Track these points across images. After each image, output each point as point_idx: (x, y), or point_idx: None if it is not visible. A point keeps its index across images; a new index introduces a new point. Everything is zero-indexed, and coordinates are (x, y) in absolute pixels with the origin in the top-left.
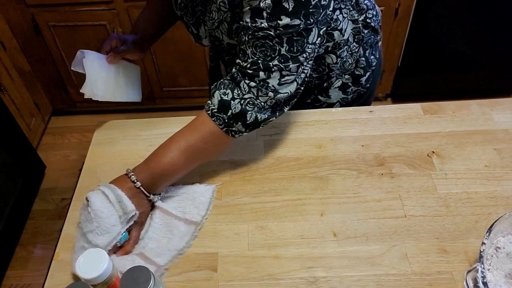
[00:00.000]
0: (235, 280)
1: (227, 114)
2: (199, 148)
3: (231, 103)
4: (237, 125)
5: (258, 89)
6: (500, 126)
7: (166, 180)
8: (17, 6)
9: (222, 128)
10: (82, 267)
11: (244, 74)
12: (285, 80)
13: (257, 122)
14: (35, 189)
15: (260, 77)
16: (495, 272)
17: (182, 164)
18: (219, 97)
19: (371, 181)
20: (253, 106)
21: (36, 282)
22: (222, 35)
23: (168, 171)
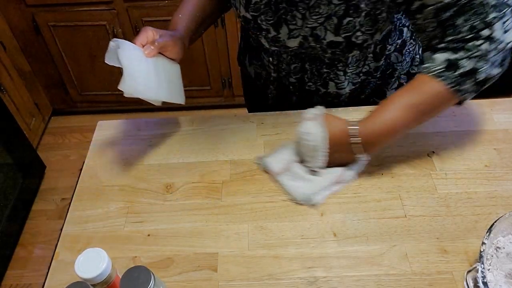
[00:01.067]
0: (235, 280)
1: (457, 72)
2: (425, 108)
3: (459, 63)
4: (467, 83)
5: (487, 45)
6: (500, 126)
7: (384, 140)
8: (17, 6)
9: (452, 87)
10: (82, 267)
11: (465, 41)
12: (507, 27)
13: (487, 79)
14: (35, 189)
15: (484, 35)
16: (495, 272)
17: (403, 124)
18: (445, 57)
19: (371, 181)
20: (486, 62)
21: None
22: (326, 33)
23: (391, 130)
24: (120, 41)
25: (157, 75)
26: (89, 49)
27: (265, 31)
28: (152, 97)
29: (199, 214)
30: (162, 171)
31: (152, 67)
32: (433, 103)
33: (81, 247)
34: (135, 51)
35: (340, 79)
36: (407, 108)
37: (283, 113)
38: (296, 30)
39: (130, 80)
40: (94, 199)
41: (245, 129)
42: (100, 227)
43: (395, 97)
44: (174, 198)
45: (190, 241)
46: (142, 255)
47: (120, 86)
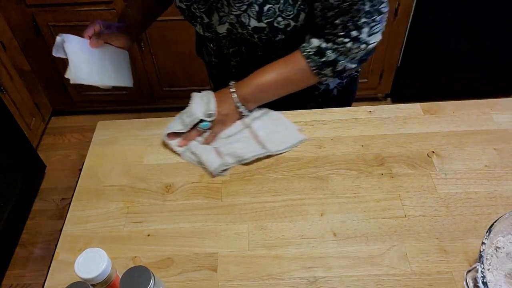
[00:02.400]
0: (235, 280)
1: (321, 60)
2: (289, 78)
3: (326, 52)
4: (327, 70)
5: (352, 43)
6: (500, 126)
7: (258, 99)
8: (17, 6)
9: (314, 70)
10: (82, 267)
11: (338, 36)
12: (373, 31)
13: (344, 70)
14: (35, 189)
15: (352, 36)
16: (495, 272)
17: (274, 88)
18: (317, 43)
19: (371, 181)
20: (346, 57)
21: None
22: (250, 19)
23: (260, 90)
24: (66, 35)
25: (101, 63)
26: None
27: (200, 18)
28: (96, 82)
29: (199, 214)
30: (162, 171)
31: (96, 55)
32: (298, 77)
33: (81, 247)
34: (80, 43)
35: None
36: (278, 76)
37: (283, 113)
38: (225, 17)
39: (74, 69)
40: (94, 199)
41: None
42: (100, 227)
43: (273, 65)
44: (174, 198)
45: (190, 241)
46: (142, 255)
47: (66, 74)
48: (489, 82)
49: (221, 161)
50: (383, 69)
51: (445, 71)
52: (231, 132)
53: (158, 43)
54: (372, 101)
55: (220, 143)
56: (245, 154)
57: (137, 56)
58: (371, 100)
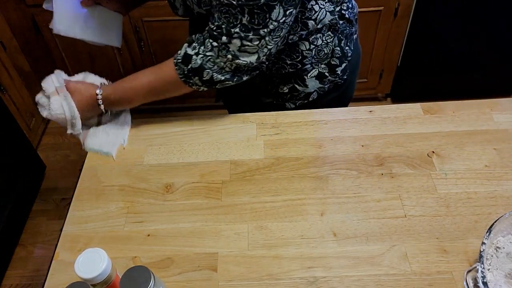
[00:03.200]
0: (235, 280)
1: (187, 67)
2: (157, 88)
3: (192, 57)
4: (194, 78)
5: (219, 49)
6: (500, 126)
7: (122, 103)
8: (17, 6)
9: (181, 78)
10: (81, 267)
11: (210, 35)
12: (245, 49)
13: (212, 81)
14: (35, 189)
15: (222, 40)
16: (495, 272)
17: (140, 95)
18: (184, 50)
19: (371, 181)
20: (213, 65)
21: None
22: (193, 5)
23: (126, 96)
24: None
25: (87, 19)
26: (89, 49)
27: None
28: (77, 36)
29: (199, 214)
30: (162, 171)
31: (84, 11)
32: (166, 86)
33: (81, 247)
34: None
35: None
36: (144, 84)
37: (283, 113)
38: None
39: (55, 20)
40: (94, 199)
41: (245, 129)
42: (100, 227)
43: (143, 72)
44: (174, 198)
45: (190, 241)
46: (142, 255)
47: (50, 25)
48: (489, 82)
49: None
50: (383, 69)
51: (445, 71)
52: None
53: (158, 43)
54: (372, 101)
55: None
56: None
57: (137, 56)
58: (371, 100)
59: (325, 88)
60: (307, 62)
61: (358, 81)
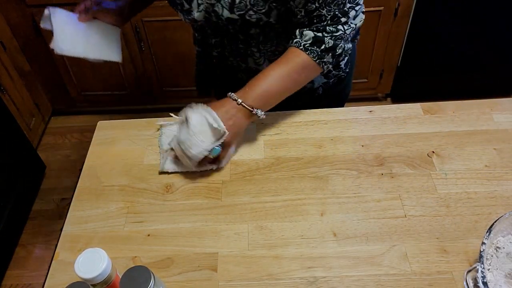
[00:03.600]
0: (235, 280)
1: (320, 48)
2: (292, 77)
3: (324, 39)
4: (327, 56)
5: (343, 28)
6: (500, 126)
7: (267, 104)
8: (17, 6)
9: (316, 60)
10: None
11: (328, 25)
12: (358, 13)
13: (342, 53)
14: (35, 189)
15: (342, 21)
16: (495, 272)
17: (279, 91)
18: (312, 34)
19: (371, 181)
20: (341, 40)
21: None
22: (223, 9)
23: (267, 96)
24: (54, 8)
25: (88, 36)
26: None
27: (180, 5)
28: (80, 54)
29: (199, 214)
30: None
31: (82, 28)
32: (302, 72)
33: (81, 247)
34: (68, 16)
35: (256, 55)
36: (281, 77)
37: (283, 113)
38: (202, 5)
39: (56, 40)
40: (94, 199)
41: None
42: (100, 227)
43: (272, 67)
44: (174, 198)
45: (190, 241)
46: (142, 255)
47: (51, 45)
48: (489, 82)
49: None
50: (383, 69)
51: (445, 71)
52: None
53: (158, 43)
54: (372, 101)
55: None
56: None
57: (137, 56)
58: (371, 100)
59: (329, 82)
60: None
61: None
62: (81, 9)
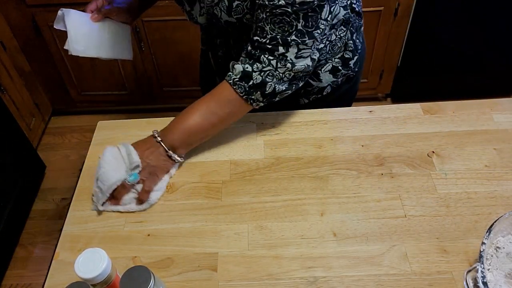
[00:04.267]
0: (235, 280)
1: (248, 84)
2: (217, 113)
3: (253, 74)
4: (256, 94)
5: (277, 61)
6: (500, 126)
7: (188, 143)
8: (17, 6)
9: (243, 96)
10: (81, 267)
11: (263, 49)
12: (301, 54)
13: (274, 93)
14: (35, 189)
15: (279, 51)
16: (495, 272)
17: (204, 128)
18: (241, 68)
19: (371, 181)
20: (272, 78)
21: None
22: (221, 13)
23: (189, 133)
24: (67, 10)
25: (100, 36)
26: None
27: (184, 6)
28: (93, 55)
29: (199, 214)
30: None
31: (95, 28)
32: (227, 108)
33: (81, 247)
34: (81, 16)
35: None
36: (206, 114)
37: (283, 113)
38: (204, 8)
39: (71, 41)
40: None
41: (245, 129)
42: (100, 227)
43: (198, 103)
44: (174, 198)
45: (190, 241)
46: (142, 255)
47: (65, 46)
48: (489, 82)
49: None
50: (383, 69)
51: (445, 71)
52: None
53: (158, 43)
54: (372, 101)
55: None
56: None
57: (137, 56)
58: (371, 100)
59: (338, 81)
60: (321, 57)
61: None
62: (93, 8)
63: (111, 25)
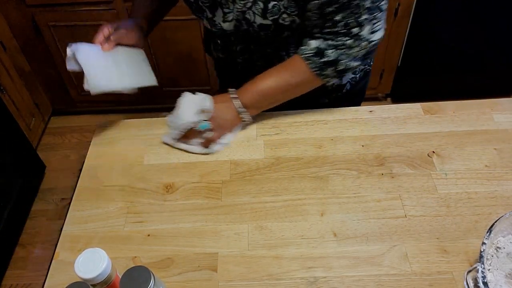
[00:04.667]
0: (235, 280)
1: (321, 60)
2: (290, 83)
3: (327, 52)
4: (328, 70)
5: (353, 41)
6: (500, 126)
7: (259, 105)
8: (17, 6)
9: (315, 71)
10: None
11: (337, 33)
12: (374, 28)
13: (346, 69)
14: (35, 189)
15: (353, 33)
16: (495, 272)
17: (276, 94)
18: (315, 45)
19: (371, 181)
20: (347, 56)
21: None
22: (254, 16)
23: (262, 96)
24: (75, 45)
25: (118, 66)
26: None
27: (204, 12)
28: (117, 88)
29: (199, 214)
30: (162, 171)
31: (111, 60)
32: (299, 81)
33: (81, 247)
34: (93, 50)
35: (284, 58)
36: (279, 81)
37: (283, 113)
38: (229, 13)
39: (91, 79)
40: (94, 199)
41: (245, 129)
42: (100, 227)
43: (271, 71)
44: (174, 198)
45: (190, 241)
46: (142, 255)
47: (85, 86)
48: (489, 82)
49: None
50: (383, 69)
51: (445, 71)
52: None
53: (158, 43)
54: (372, 101)
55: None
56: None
57: None
58: (371, 100)
59: (356, 77)
60: None
61: None
62: (101, 40)
63: (125, 51)
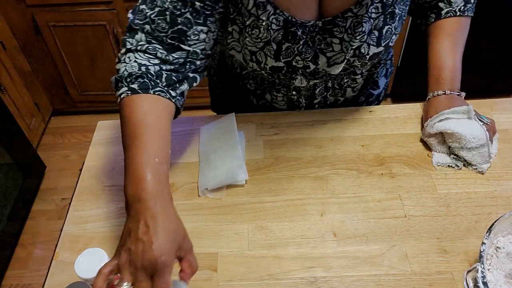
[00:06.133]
0: (235, 280)
1: (471, 2)
2: (462, 43)
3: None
4: (475, 3)
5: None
6: (500, 126)
7: (458, 80)
8: (17, 6)
9: (472, 15)
10: (81, 267)
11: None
12: None
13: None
14: (35, 189)
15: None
16: (495, 272)
17: (459, 62)
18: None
19: (371, 181)
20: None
21: (36, 282)
22: (369, 47)
23: (457, 73)
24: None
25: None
26: (89, 49)
27: (302, 69)
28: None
29: (199, 214)
30: None
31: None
32: (465, 35)
33: (81, 247)
34: None
35: (358, 81)
36: (455, 50)
37: (283, 113)
38: (335, 56)
39: None
40: (94, 199)
41: (245, 129)
42: (100, 227)
43: (446, 45)
44: (174, 198)
45: None
46: None
47: None
48: (489, 82)
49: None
50: None
51: None
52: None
53: None
54: None
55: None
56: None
57: None
58: None
59: (387, 81)
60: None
61: None
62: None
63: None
